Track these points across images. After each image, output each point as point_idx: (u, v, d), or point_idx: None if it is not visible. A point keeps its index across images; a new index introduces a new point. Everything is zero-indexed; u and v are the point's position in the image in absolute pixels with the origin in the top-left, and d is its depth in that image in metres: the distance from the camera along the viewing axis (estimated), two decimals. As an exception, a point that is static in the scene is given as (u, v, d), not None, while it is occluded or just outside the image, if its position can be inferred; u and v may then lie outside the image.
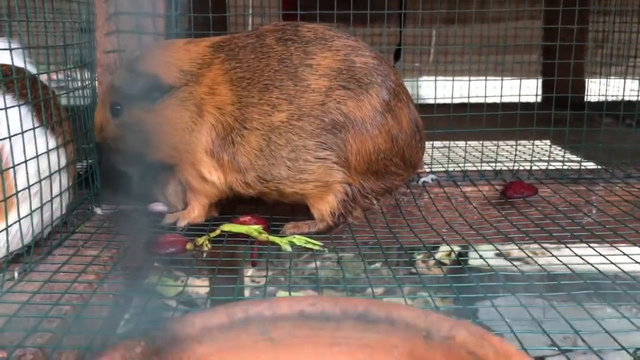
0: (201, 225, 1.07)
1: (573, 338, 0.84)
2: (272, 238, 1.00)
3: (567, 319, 0.75)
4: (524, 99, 1.97)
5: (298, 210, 1.11)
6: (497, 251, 1.01)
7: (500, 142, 1.50)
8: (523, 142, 1.59)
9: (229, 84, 1.04)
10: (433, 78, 1.69)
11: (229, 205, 1.17)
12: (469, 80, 1.53)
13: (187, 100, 1.04)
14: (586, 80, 2.28)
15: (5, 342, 0.65)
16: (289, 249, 0.98)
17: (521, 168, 1.36)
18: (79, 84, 1.15)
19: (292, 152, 1.01)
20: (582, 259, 0.91)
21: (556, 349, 0.70)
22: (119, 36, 1.23)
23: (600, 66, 2.30)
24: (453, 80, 1.63)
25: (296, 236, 1.00)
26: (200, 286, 2.37)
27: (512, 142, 1.51)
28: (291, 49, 1.04)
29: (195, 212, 1.08)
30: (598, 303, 0.90)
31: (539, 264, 0.93)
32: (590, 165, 1.40)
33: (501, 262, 1.03)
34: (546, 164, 1.39)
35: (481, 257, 0.97)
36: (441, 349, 0.39)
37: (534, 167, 1.37)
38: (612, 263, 0.91)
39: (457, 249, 2.27)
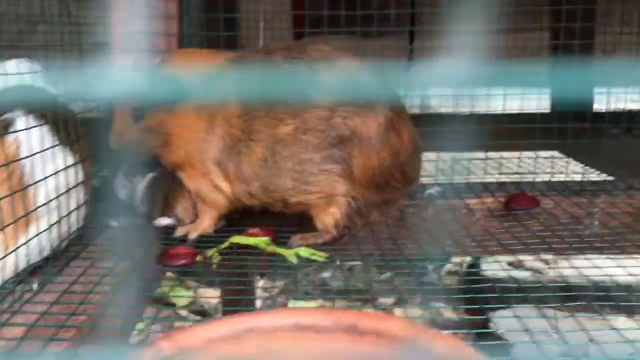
0: (210, 237, 1.11)
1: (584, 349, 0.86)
2: (279, 250, 1.04)
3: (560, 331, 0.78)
4: (532, 111, 1.99)
5: (305, 222, 1.15)
6: (507, 263, 1.04)
7: (505, 154, 1.53)
8: (527, 153, 1.62)
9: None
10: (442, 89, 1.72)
11: (239, 217, 1.21)
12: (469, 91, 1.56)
13: (203, 108, 1.09)
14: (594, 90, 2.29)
15: (24, 351, 0.69)
16: (294, 260, 1.02)
17: (525, 180, 1.39)
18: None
19: (298, 164, 1.06)
20: (577, 270, 0.94)
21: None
22: (134, 55, 1.28)
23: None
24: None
25: (302, 248, 1.04)
26: (210, 297, 2.41)
27: (517, 154, 1.54)
28: (297, 66, 1.08)
29: (206, 223, 1.13)
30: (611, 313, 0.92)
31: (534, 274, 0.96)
32: (594, 177, 1.42)
33: (510, 273, 1.05)
34: (549, 175, 1.42)
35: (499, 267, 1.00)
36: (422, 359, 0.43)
37: (537, 179, 1.40)
38: (606, 275, 0.94)
39: (467, 260, 2.29)
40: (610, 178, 1.40)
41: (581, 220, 1.21)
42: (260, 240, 1.05)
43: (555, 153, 2.02)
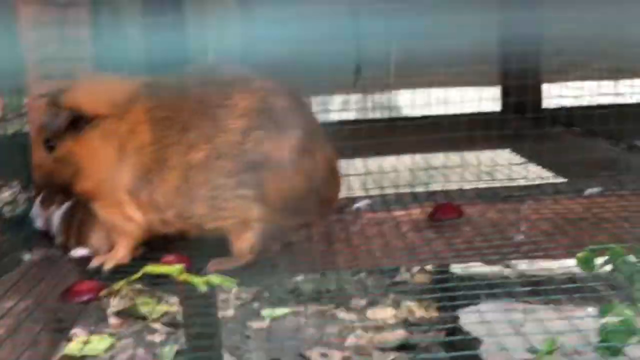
0: (126, 266, 1.09)
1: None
2: (189, 278, 1.02)
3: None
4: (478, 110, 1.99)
5: (225, 246, 1.13)
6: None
7: (436, 161, 1.53)
8: (453, 158, 1.61)
9: (149, 124, 1.07)
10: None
11: (159, 242, 1.19)
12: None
13: (112, 135, 1.07)
14: (544, 87, 2.28)
15: None
16: (204, 288, 1.00)
17: (452, 188, 1.39)
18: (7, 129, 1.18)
19: (212, 190, 1.04)
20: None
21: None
22: (49, 81, 1.26)
23: (559, 73, 2.31)
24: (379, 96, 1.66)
25: (213, 275, 1.02)
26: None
27: (445, 161, 1.53)
28: (210, 89, 1.06)
29: (121, 253, 1.11)
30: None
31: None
32: (522, 181, 1.42)
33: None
34: (478, 182, 1.41)
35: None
36: None
37: (466, 187, 1.39)
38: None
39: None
40: (539, 182, 1.39)
41: (504, 230, 1.20)
42: (172, 269, 1.03)
43: (507, 152, 2.03)
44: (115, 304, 2.32)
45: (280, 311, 2.58)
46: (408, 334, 2.31)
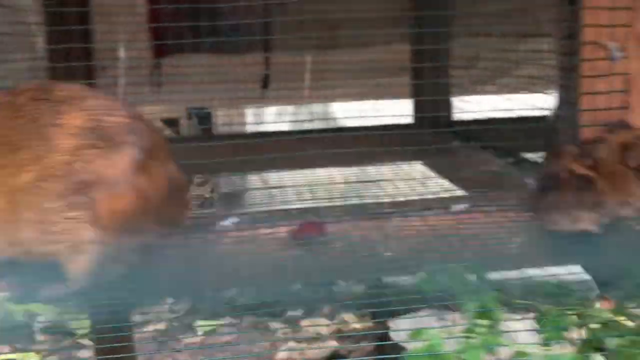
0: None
1: None
2: (8, 307, 0.96)
3: None
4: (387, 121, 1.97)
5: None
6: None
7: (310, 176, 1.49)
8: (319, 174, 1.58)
9: None
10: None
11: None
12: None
13: None
14: (452, 100, 2.28)
15: None
16: (21, 318, 0.94)
17: (321, 205, 1.35)
18: None
19: (40, 213, 0.98)
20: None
21: None
22: None
23: (470, 85, 2.31)
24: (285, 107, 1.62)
25: (34, 304, 0.96)
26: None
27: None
28: (42, 108, 1.01)
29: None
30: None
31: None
32: (388, 199, 1.40)
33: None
34: (347, 199, 1.38)
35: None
36: None
37: (337, 204, 1.36)
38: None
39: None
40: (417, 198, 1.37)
41: (371, 247, 1.16)
42: (-7, 296, 0.97)
43: (419, 165, 2.01)
44: (42, 320, 2.23)
45: (214, 324, 2.52)
46: (339, 344, 2.28)
